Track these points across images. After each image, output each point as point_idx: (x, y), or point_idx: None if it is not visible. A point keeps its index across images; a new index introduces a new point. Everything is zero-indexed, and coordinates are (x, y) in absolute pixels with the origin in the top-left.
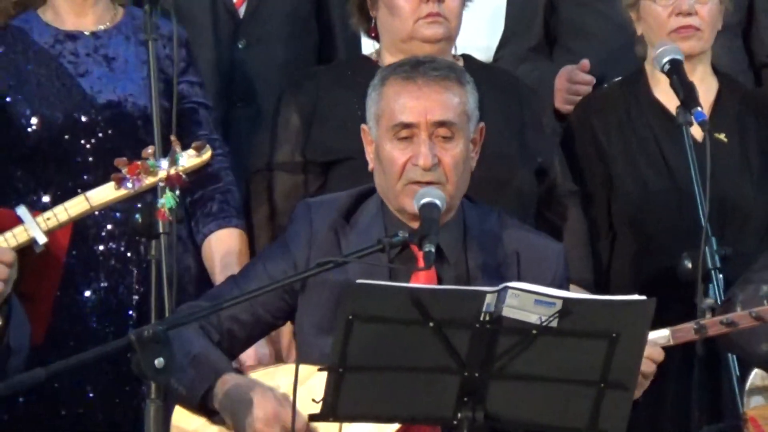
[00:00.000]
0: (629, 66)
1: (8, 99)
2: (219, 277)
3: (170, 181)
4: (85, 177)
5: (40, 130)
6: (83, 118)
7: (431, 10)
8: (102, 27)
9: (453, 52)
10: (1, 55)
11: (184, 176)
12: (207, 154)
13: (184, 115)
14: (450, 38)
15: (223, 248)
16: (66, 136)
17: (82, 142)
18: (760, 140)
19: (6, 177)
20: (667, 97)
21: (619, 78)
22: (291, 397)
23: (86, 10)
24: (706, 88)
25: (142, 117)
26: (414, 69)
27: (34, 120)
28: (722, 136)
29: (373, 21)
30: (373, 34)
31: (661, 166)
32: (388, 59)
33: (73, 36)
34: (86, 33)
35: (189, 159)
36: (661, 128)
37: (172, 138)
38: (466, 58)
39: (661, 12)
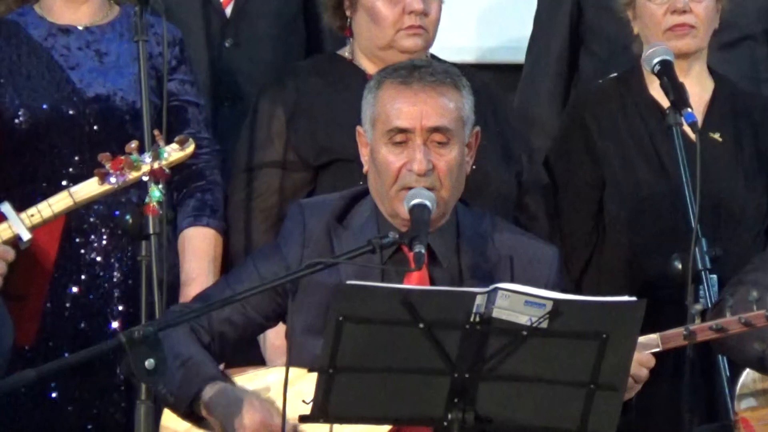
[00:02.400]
0: None
1: (4, 93)
2: (185, 275)
3: (154, 176)
4: (72, 170)
5: (27, 122)
6: (70, 111)
7: (414, 23)
8: (96, 23)
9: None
10: None
11: (167, 170)
12: (190, 148)
13: (172, 113)
14: (427, 48)
15: (191, 247)
16: (53, 129)
17: (70, 134)
18: (754, 140)
19: None
20: (662, 95)
21: (614, 74)
22: (279, 404)
23: (81, 6)
24: (702, 87)
25: (130, 112)
26: (410, 74)
27: (21, 111)
28: (717, 136)
29: (349, 20)
30: (347, 34)
31: (656, 165)
32: (364, 61)
33: (67, 30)
34: (80, 27)
35: (172, 153)
36: (657, 126)
37: (155, 132)
38: (433, 58)
39: (656, 10)
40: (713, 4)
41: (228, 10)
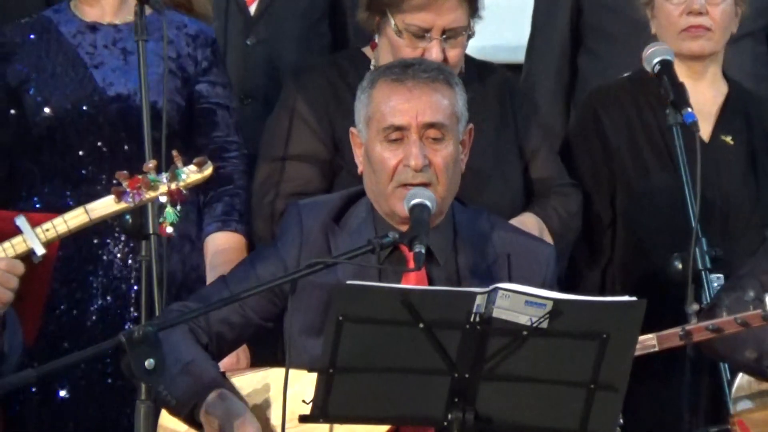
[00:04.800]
0: None
1: (30, 89)
2: (210, 279)
3: (171, 197)
4: (90, 168)
5: (48, 120)
6: (90, 110)
7: None
8: (126, 20)
9: None
10: (30, 42)
11: (184, 191)
12: (208, 170)
13: (201, 116)
14: None
15: (217, 251)
16: (72, 127)
17: (88, 133)
18: (767, 145)
19: (12, 165)
20: None
21: (628, 73)
22: (279, 404)
23: (113, 3)
24: (716, 90)
25: (149, 112)
26: (403, 71)
27: (45, 109)
28: (728, 139)
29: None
30: (372, 47)
31: (667, 162)
32: None
33: (94, 27)
34: (107, 24)
35: (190, 174)
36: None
37: (174, 153)
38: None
39: (673, 11)
40: (731, 8)
41: (252, 9)
